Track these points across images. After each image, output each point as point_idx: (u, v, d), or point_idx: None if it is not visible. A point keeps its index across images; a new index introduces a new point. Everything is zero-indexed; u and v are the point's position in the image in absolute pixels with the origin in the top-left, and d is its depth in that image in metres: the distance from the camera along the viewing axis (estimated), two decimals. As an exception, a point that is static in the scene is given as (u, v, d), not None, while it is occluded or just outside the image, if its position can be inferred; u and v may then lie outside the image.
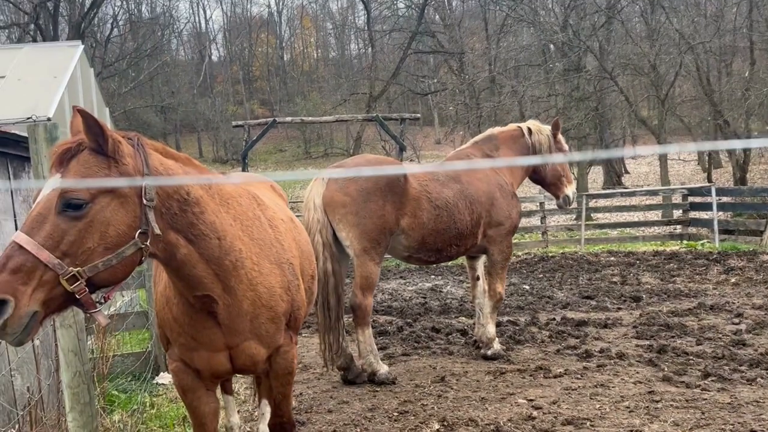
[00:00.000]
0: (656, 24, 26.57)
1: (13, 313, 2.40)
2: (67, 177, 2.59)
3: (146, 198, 2.72)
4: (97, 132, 2.64)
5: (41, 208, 2.56)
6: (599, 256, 14.92)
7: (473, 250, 7.02)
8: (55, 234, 2.53)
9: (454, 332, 8.32)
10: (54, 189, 2.56)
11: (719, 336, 7.33)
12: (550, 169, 7.28)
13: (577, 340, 7.57)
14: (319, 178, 6.32)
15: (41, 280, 2.49)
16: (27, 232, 2.50)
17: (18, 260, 2.45)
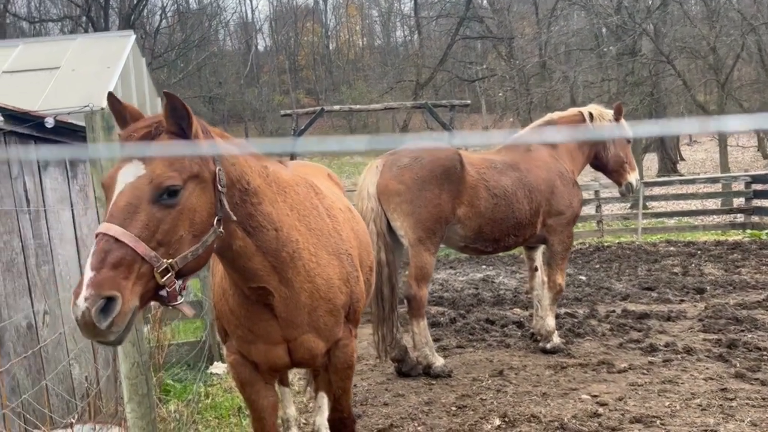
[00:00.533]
0: (716, 4, 25.53)
1: (120, 310, 2.29)
2: (152, 164, 2.45)
3: (220, 184, 2.62)
4: (183, 115, 2.52)
5: (129, 196, 2.41)
6: (657, 245, 14.43)
7: (532, 240, 6.78)
8: (151, 224, 2.41)
9: (509, 324, 8.10)
10: (140, 176, 2.42)
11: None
12: (612, 155, 6.97)
13: (640, 334, 7.26)
14: (373, 166, 6.18)
15: (139, 273, 2.37)
16: (120, 223, 2.36)
17: (117, 254, 2.31)
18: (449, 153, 6.15)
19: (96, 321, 2.22)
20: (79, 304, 2.22)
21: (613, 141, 6.93)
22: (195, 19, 38.47)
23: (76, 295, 2.23)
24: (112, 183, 2.46)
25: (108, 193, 2.48)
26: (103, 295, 2.24)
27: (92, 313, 2.21)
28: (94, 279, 2.24)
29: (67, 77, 8.15)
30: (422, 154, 6.08)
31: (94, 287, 2.23)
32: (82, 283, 2.25)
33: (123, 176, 2.45)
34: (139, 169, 2.45)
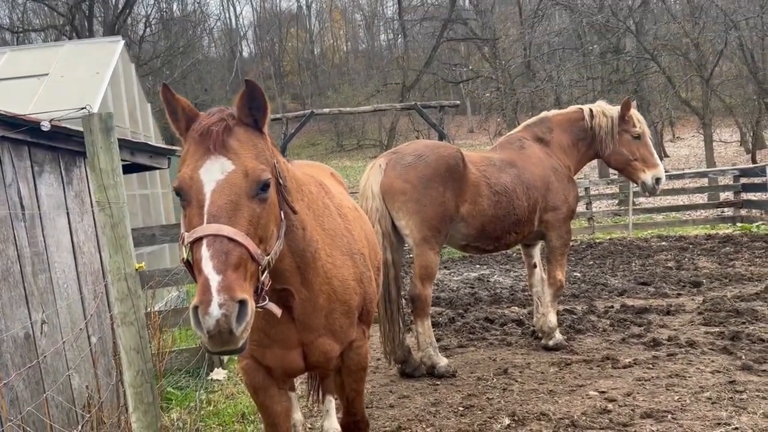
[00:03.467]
0: (698, 1, 25.74)
1: (252, 313, 2.19)
2: (239, 157, 2.36)
3: (281, 177, 2.57)
4: (260, 106, 2.43)
5: (229, 193, 2.29)
6: (649, 241, 14.47)
7: (530, 236, 6.76)
8: (253, 220, 2.32)
9: (509, 322, 8.06)
10: (231, 171, 2.31)
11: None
12: (613, 153, 6.89)
13: (641, 328, 7.24)
14: (376, 165, 6.11)
15: (252, 273, 2.28)
16: (227, 222, 2.24)
17: (236, 254, 2.20)
18: (452, 151, 6.11)
19: (234, 328, 2.10)
20: (212, 312, 2.08)
21: (612, 138, 6.83)
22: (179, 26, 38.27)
23: (205, 303, 2.09)
24: (193, 182, 2.33)
25: (189, 193, 2.33)
26: (237, 299, 2.13)
27: (231, 319, 2.09)
28: (224, 283, 2.12)
29: (57, 83, 8.03)
30: (426, 152, 6.03)
31: (226, 292, 2.11)
32: (209, 288, 2.11)
33: (208, 173, 2.32)
34: (225, 164, 2.34)
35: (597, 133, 6.92)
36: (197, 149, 2.38)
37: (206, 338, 2.12)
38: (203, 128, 2.39)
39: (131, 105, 10.01)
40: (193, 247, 2.25)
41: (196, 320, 2.14)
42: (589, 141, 6.98)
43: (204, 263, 2.17)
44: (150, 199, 10.78)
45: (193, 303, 2.15)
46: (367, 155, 42.07)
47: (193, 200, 2.32)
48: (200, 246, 2.21)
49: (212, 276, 2.13)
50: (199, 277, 2.18)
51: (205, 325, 2.09)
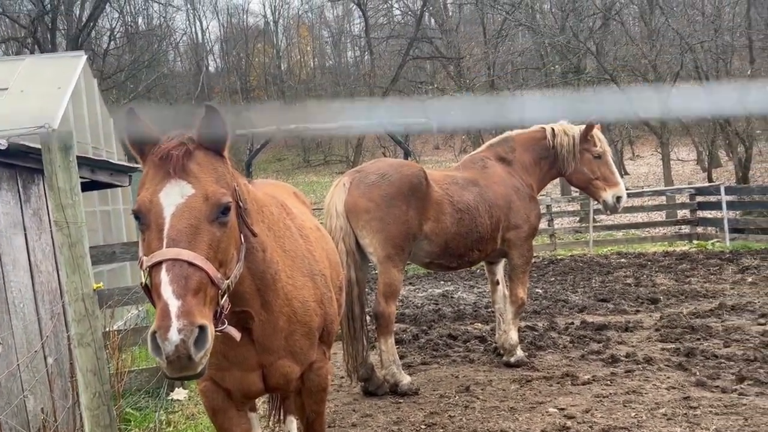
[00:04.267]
0: (655, 24, 26.50)
1: (211, 338, 2.18)
2: (199, 181, 2.36)
3: (241, 200, 2.59)
4: (224, 131, 2.46)
5: (189, 217, 2.30)
6: (609, 257, 14.74)
7: (493, 254, 6.86)
8: (213, 244, 2.33)
9: (472, 339, 8.13)
10: (191, 195, 2.33)
11: (747, 338, 7.14)
12: (575, 172, 7.02)
13: (600, 345, 7.38)
14: (340, 184, 6.16)
15: (211, 297, 2.28)
16: (187, 246, 2.24)
17: (196, 279, 2.20)
18: (415, 170, 6.18)
19: (193, 353, 2.10)
20: (171, 337, 2.07)
21: (573, 157, 6.96)
22: (144, 40, 37.93)
23: (164, 329, 2.08)
24: (152, 206, 2.33)
25: (148, 216, 2.33)
26: (197, 324, 2.12)
27: (189, 344, 2.08)
28: (184, 308, 2.12)
29: (16, 98, 7.90)
30: (389, 171, 6.09)
31: (186, 317, 2.11)
32: (168, 313, 2.11)
33: (168, 197, 2.33)
34: (185, 188, 2.34)
35: (559, 152, 7.04)
36: (157, 173, 2.39)
37: (165, 364, 2.11)
38: (163, 152, 2.40)
39: (93, 121, 9.89)
40: (152, 272, 2.24)
41: (154, 345, 2.13)
42: (552, 160, 7.10)
43: (163, 288, 2.17)
44: (111, 215, 10.63)
45: (152, 328, 2.14)
46: (333, 171, 42.07)
47: (152, 224, 2.32)
48: (159, 270, 2.21)
49: (172, 301, 2.13)
50: (158, 302, 2.17)
51: (164, 350, 2.08)
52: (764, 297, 9.40)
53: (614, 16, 27.85)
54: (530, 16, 28.57)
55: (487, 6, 31.68)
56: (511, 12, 29.11)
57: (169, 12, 44.27)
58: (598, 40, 27.64)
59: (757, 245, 14.29)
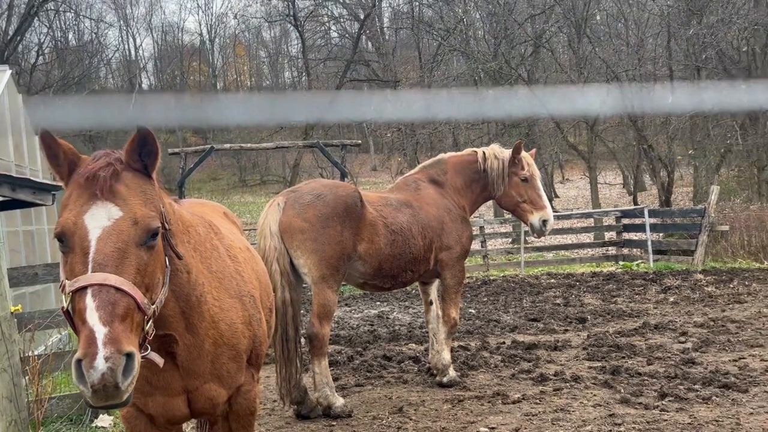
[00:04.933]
0: (583, 53, 27.59)
1: (138, 366, 2.12)
2: (127, 204, 2.30)
3: (167, 222, 2.53)
4: (152, 152, 2.39)
5: (116, 241, 2.23)
6: (539, 278, 15.10)
7: (427, 275, 6.94)
8: (140, 269, 2.26)
9: (406, 360, 8.16)
10: (119, 218, 2.26)
11: (668, 355, 7.43)
12: (503, 195, 7.16)
13: (530, 364, 7.53)
14: (275, 204, 6.13)
15: (137, 323, 2.22)
16: (114, 271, 2.18)
17: (123, 305, 2.14)
18: (350, 190, 6.22)
19: (120, 382, 2.04)
20: (97, 366, 2.02)
21: (502, 181, 7.11)
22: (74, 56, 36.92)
23: (90, 356, 2.02)
24: (77, 228, 2.25)
25: (72, 239, 2.26)
26: (124, 352, 2.07)
27: (117, 373, 2.03)
28: (111, 335, 2.06)
29: (-68, 113, 7.55)
30: (324, 192, 6.11)
31: (113, 344, 2.05)
32: (94, 341, 2.05)
33: (94, 219, 2.26)
34: (112, 210, 2.28)
35: (489, 176, 7.19)
36: (82, 194, 2.32)
37: (89, 393, 2.06)
38: (89, 172, 2.34)
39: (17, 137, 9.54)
40: (75, 296, 2.18)
41: (79, 374, 2.07)
42: (483, 183, 7.24)
43: (89, 314, 2.11)
44: (35, 235, 10.24)
45: (77, 356, 2.07)
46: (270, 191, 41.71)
47: (76, 247, 2.26)
48: (84, 295, 2.15)
49: (98, 328, 2.08)
50: (83, 329, 2.11)
51: (89, 379, 2.03)
52: (685, 316, 9.81)
53: (544, 44, 28.89)
54: (464, 41, 29.28)
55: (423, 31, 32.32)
56: (446, 37, 29.78)
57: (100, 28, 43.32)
58: (529, 67, 28.57)
59: (678, 266, 14.92)
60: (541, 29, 28.12)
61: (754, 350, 7.55)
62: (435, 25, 32.28)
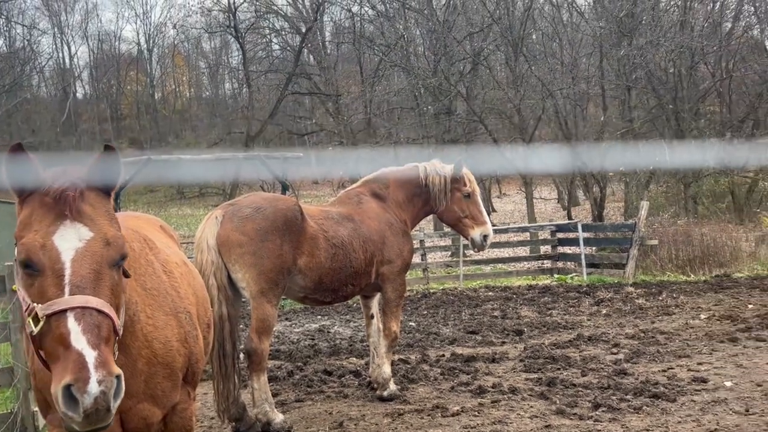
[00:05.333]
0: (519, 71, 28.32)
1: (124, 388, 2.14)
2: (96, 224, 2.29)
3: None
4: (117, 172, 2.41)
5: (91, 262, 2.21)
6: (478, 291, 15.32)
7: (368, 289, 6.97)
8: (113, 290, 2.27)
9: (347, 374, 8.15)
10: (90, 239, 2.24)
11: (601, 366, 7.66)
12: (446, 210, 7.26)
13: (469, 376, 7.64)
14: (212, 217, 6.05)
15: (113, 344, 2.23)
16: (92, 293, 2.17)
17: (106, 327, 2.16)
18: (290, 204, 6.21)
19: (111, 405, 2.05)
20: (91, 390, 2.02)
21: (444, 196, 7.20)
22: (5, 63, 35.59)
23: (83, 381, 2.02)
24: (46, 250, 2.20)
25: (41, 261, 2.21)
26: (114, 374, 2.08)
27: (110, 396, 2.04)
28: (101, 358, 2.07)
29: None
30: (264, 205, 6.07)
31: (104, 367, 2.06)
32: (85, 365, 2.04)
33: (65, 241, 2.22)
34: (82, 231, 2.25)
35: (431, 191, 7.28)
36: (47, 214, 2.28)
37: (80, 417, 2.04)
38: (55, 192, 2.30)
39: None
40: (51, 321, 2.15)
41: (68, 399, 2.05)
42: (425, 197, 7.33)
43: (74, 338, 2.10)
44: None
45: (66, 381, 2.05)
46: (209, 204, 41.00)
47: (47, 270, 2.22)
48: (65, 319, 2.13)
49: (88, 351, 2.08)
50: (67, 353, 2.09)
51: (84, 403, 2.02)
52: (617, 328, 10.14)
53: (482, 61, 29.53)
54: (405, 57, 29.65)
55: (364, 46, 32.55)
56: (387, 53, 30.08)
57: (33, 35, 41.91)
58: (468, 84, 29.13)
59: (610, 279, 15.40)
60: (480, 47, 28.73)
61: (681, 360, 7.87)
62: (376, 40, 32.60)
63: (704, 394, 6.43)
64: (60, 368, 2.10)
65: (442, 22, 28.49)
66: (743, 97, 27.70)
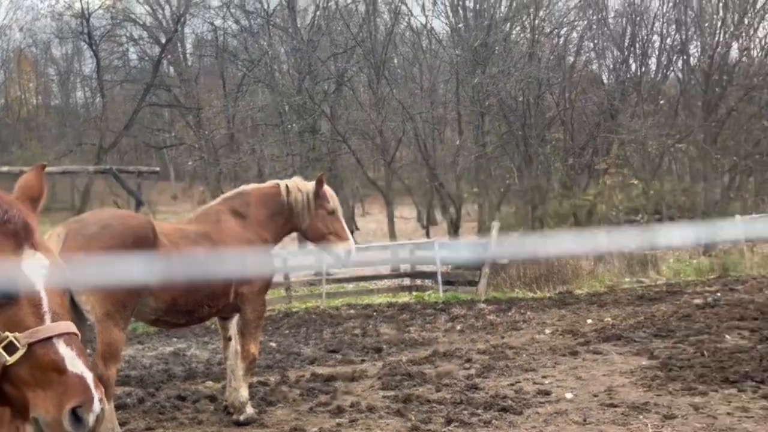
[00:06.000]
0: (381, 93, 29.08)
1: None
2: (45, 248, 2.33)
3: None
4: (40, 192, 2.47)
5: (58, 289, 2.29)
6: (340, 309, 15.42)
7: (227, 310, 6.81)
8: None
9: (202, 399, 7.89)
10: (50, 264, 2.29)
11: (455, 381, 7.97)
12: (309, 227, 7.27)
13: (328, 396, 7.66)
14: (54, 234, 5.68)
15: None
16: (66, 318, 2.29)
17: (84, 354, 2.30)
18: (141, 221, 5.97)
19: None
20: (95, 409, 2.17)
21: (308, 212, 7.20)
22: None
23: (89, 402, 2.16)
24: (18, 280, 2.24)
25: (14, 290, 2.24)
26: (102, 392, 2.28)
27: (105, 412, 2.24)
28: (95, 379, 2.23)
29: None
30: (112, 222, 5.79)
31: (98, 387, 2.22)
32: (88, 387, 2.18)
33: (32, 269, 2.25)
34: (40, 258, 2.28)
35: (294, 208, 7.26)
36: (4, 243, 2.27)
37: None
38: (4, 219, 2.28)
39: None
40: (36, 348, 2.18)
41: (75, 421, 2.15)
42: (287, 215, 7.29)
43: (72, 362, 2.20)
44: None
45: (71, 404, 2.15)
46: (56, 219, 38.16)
47: (22, 300, 2.22)
48: (55, 345, 2.20)
49: (87, 374, 2.21)
50: (64, 378, 2.18)
51: (90, 422, 2.16)
52: (470, 343, 10.59)
53: (346, 82, 30.02)
54: (269, 74, 29.48)
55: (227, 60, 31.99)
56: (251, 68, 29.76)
57: None
58: (332, 104, 29.47)
59: (464, 296, 16.07)
60: (344, 68, 29.18)
61: (528, 374, 8.36)
62: (240, 55, 32.14)
63: (547, 406, 6.87)
64: (55, 394, 2.18)
65: (307, 41, 28.66)
66: (584, 126, 30.06)
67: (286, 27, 30.38)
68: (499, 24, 28.75)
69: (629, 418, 6.34)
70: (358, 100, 31.04)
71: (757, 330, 9.74)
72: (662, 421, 6.18)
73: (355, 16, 31.24)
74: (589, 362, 8.87)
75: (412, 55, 32.11)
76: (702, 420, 6.17)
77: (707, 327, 10.34)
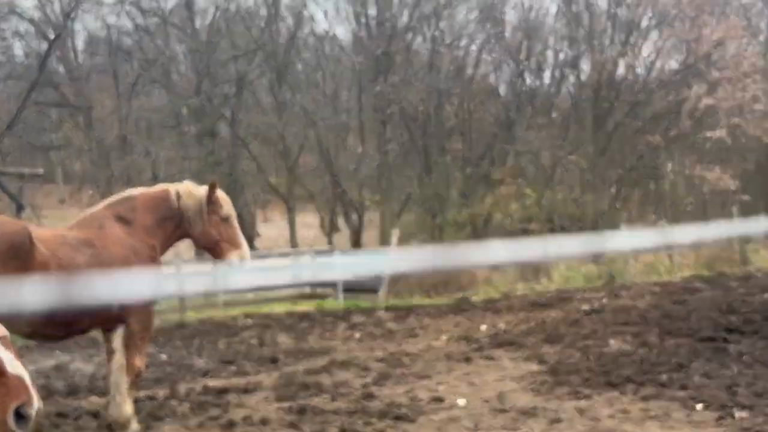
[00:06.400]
0: (282, 98, 28.81)
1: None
2: None
3: None
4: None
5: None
6: (237, 319, 15.04)
7: (110, 321, 6.44)
8: None
9: (84, 415, 7.44)
10: None
11: (351, 390, 7.90)
12: (202, 234, 6.98)
13: (220, 410, 7.40)
14: None
15: None
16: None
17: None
18: (17, 227, 5.56)
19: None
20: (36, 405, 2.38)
21: (200, 218, 6.92)
22: None
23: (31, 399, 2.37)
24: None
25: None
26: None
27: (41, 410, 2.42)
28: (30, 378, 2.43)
29: None
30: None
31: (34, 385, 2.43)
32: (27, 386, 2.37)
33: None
34: None
35: (185, 214, 6.97)
36: None
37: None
38: None
39: None
40: None
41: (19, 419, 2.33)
42: (178, 221, 6.99)
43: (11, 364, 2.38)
44: None
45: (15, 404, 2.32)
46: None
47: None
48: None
49: (25, 374, 2.42)
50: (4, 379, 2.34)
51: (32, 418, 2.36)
52: (368, 351, 10.57)
53: (247, 85, 29.49)
54: (165, 74, 28.54)
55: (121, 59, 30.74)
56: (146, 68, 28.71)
57: None
58: (232, 107, 28.87)
59: (364, 303, 16.10)
60: (244, 71, 28.66)
61: (423, 381, 8.41)
62: (135, 54, 30.93)
63: (441, 413, 6.93)
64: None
65: (206, 42, 27.96)
66: (482, 137, 30.94)
67: (184, 27, 29.50)
68: (400, 33, 29.13)
69: (518, 423, 6.49)
70: (259, 104, 30.57)
71: (639, 335, 10.25)
72: (549, 426, 6.37)
73: (257, 19, 30.79)
74: (482, 368, 9.05)
75: (315, 61, 31.98)
76: (586, 423, 6.40)
77: (593, 332, 10.78)
